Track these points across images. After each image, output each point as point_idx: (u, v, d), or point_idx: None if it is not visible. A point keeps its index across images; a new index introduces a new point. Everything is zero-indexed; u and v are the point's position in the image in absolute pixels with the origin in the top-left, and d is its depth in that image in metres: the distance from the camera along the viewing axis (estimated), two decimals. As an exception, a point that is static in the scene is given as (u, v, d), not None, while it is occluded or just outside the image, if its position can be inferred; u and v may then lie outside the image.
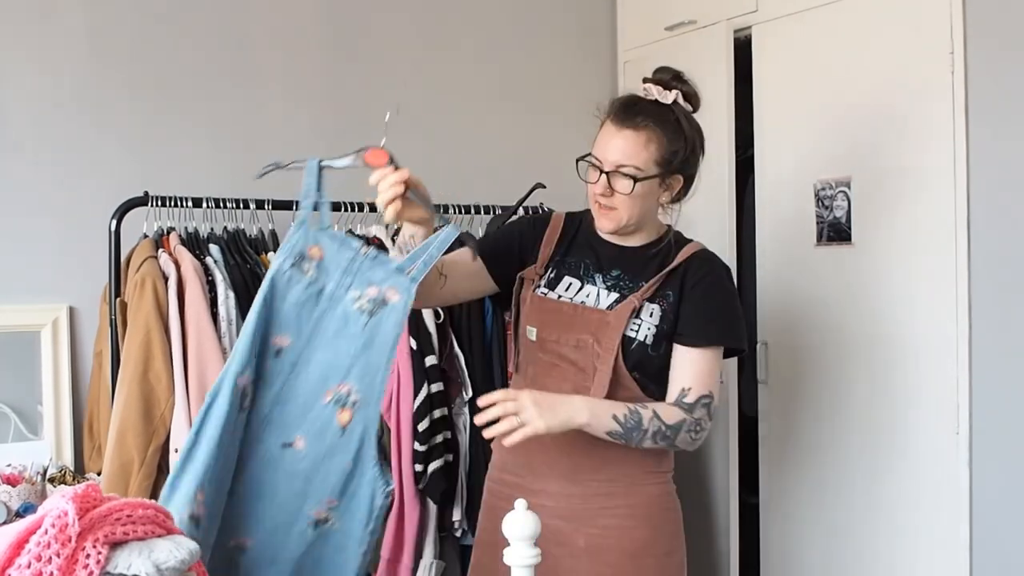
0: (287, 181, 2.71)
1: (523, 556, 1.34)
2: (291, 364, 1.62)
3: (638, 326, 1.85)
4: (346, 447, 1.62)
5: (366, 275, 1.63)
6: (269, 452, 1.62)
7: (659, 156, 1.84)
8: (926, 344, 2.36)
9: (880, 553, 2.48)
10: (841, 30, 2.55)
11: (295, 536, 1.63)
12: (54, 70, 2.52)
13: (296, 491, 1.62)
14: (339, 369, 1.62)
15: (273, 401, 1.62)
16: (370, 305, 1.63)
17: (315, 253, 1.64)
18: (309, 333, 1.63)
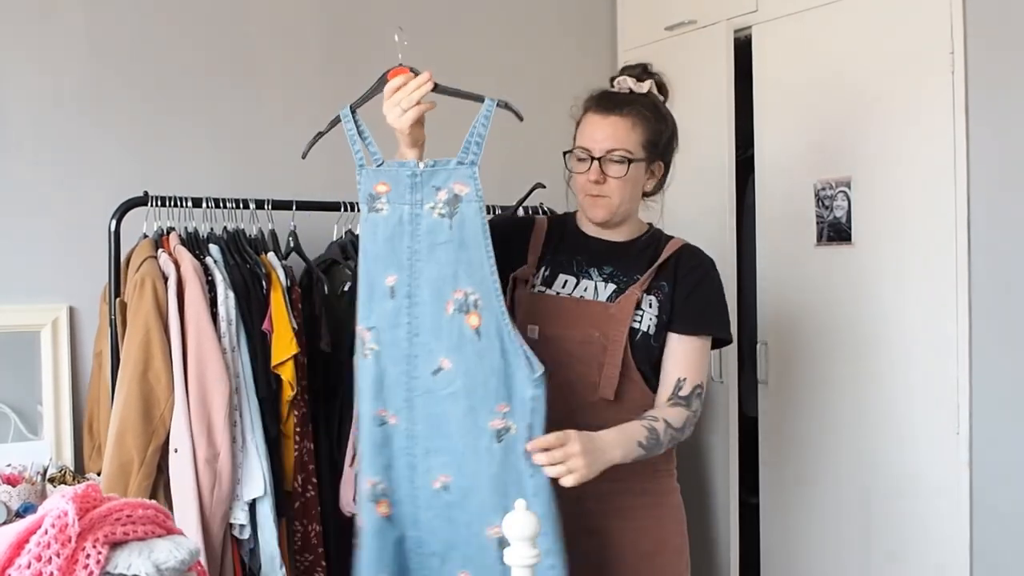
0: (287, 181, 2.72)
1: (523, 556, 1.34)
2: (406, 295, 1.69)
3: (641, 316, 1.87)
4: (489, 348, 1.66)
5: (430, 184, 1.68)
6: (425, 385, 1.69)
7: (645, 140, 1.87)
8: (926, 344, 2.36)
9: (880, 553, 2.48)
10: (841, 30, 2.55)
11: (485, 456, 1.66)
12: (54, 70, 2.52)
13: (465, 410, 1.67)
14: (448, 279, 1.67)
15: (409, 336, 1.69)
16: (446, 207, 1.68)
17: (382, 189, 1.71)
18: (408, 261, 1.69)
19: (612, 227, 1.95)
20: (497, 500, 1.65)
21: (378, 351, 1.71)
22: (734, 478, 2.82)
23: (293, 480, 2.28)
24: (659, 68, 3.19)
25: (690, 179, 2.95)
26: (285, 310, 2.24)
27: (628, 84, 1.91)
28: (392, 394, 1.71)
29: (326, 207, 2.50)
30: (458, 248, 1.67)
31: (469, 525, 1.67)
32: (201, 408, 2.10)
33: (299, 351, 2.23)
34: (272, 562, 2.18)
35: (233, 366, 2.18)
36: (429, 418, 1.70)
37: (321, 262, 2.50)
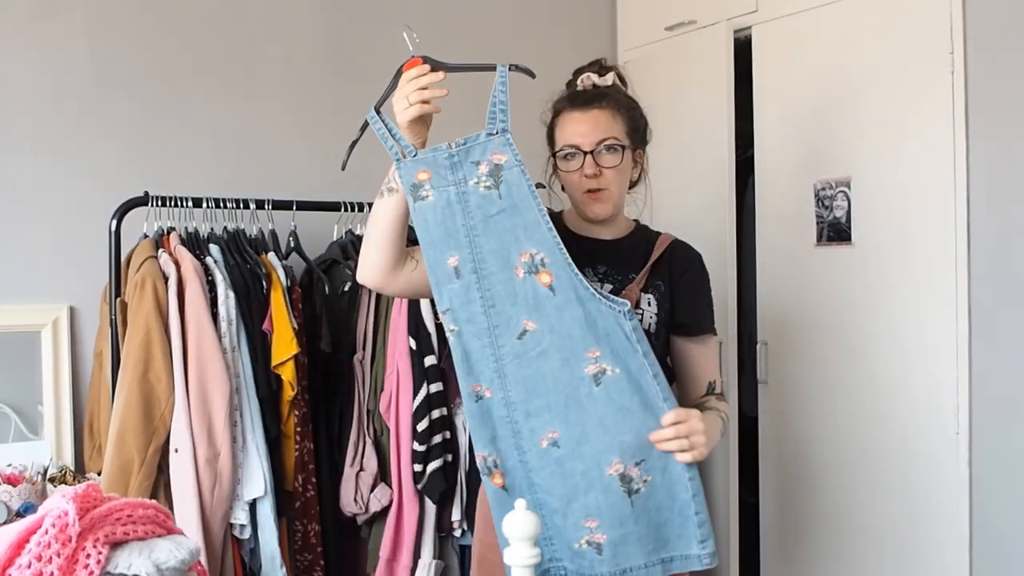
0: (287, 181, 2.72)
1: (523, 556, 1.34)
2: (472, 272, 1.72)
3: (641, 314, 1.87)
4: (566, 301, 1.69)
5: (469, 161, 1.72)
6: (515, 351, 1.72)
7: (627, 127, 1.88)
8: (926, 344, 2.36)
9: (880, 553, 2.48)
10: (841, 30, 2.55)
11: (588, 403, 1.70)
12: (54, 70, 2.52)
13: (559, 364, 1.70)
14: (511, 245, 1.71)
15: (485, 309, 1.72)
16: (489, 179, 1.71)
17: (423, 177, 1.73)
18: (466, 238, 1.72)
19: (603, 223, 1.93)
20: (610, 439, 1.70)
21: (458, 330, 1.75)
22: (734, 478, 2.82)
23: (293, 480, 2.28)
24: (659, 68, 3.20)
25: (690, 179, 2.96)
26: (285, 310, 2.25)
27: (592, 80, 1.91)
28: (481, 368, 1.74)
29: (326, 207, 2.50)
30: (512, 214, 1.71)
31: (586, 472, 1.70)
32: (201, 408, 2.11)
33: (299, 351, 2.24)
34: (272, 562, 2.18)
35: (233, 366, 2.19)
36: (523, 381, 1.73)
37: (321, 262, 2.50)
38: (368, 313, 2.41)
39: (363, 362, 2.41)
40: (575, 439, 1.71)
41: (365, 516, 2.35)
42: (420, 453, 2.30)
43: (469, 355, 1.75)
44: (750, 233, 2.92)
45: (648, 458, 1.72)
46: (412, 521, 2.32)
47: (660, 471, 1.73)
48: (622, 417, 1.70)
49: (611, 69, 1.94)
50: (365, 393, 2.39)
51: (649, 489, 1.73)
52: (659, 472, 1.73)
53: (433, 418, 2.31)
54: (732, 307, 2.84)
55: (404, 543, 2.32)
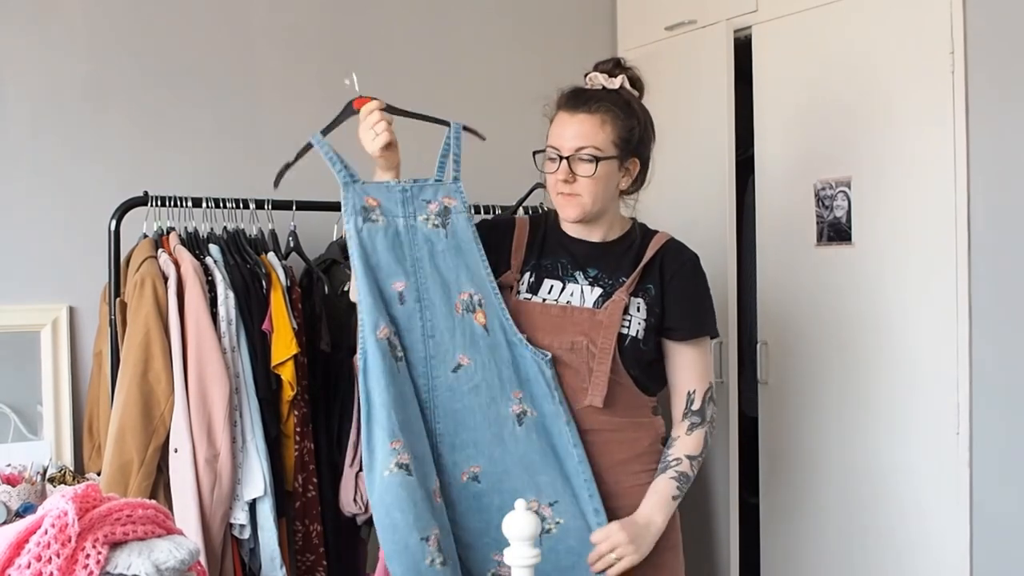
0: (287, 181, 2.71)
1: (523, 556, 1.34)
2: (415, 300, 1.81)
3: (628, 321, 1.85)
4: (497, 342, 1.80)
5: (420, 199, 1.84)
6: (447, 383, 1.80)
7: (616, 137, 1.85)
8: (926, 344, 2.36)
9: (880, 553, 2.48)
10: (841, 30, 2.55)
11: (511, 441, 1.79)
12: (54, 70, 2.52)
13: (486, 401, 1.79)
14: (453, 283, 1.81)
15: (424, 339, 1.80)
16: (438, 219, 1.83)
17: (372, 203, 1.83)
18: (412, 268, 1.81)
19: (590, 225, 1.92)
20: (528, 478, 1.76)
21: (402, 356, 1.80)
22: (734, 478, 2.82)
23: (293, 480, 2.28)
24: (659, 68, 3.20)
25: (690, 179, 2.96)
26: (285, 310, 2.24)
27: (600, 80, 1.88)
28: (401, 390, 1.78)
29: (326, 207, 2.49)
30: (456, 254, 1.82)
31: (501, 507, 1.71)
32: (201, 408, 2.10)
33: (299, 351, 2.23)
34: (272, 562, 2.18)
35: (233, 366, 2.18)
36: (453, 414, 1.79)
37: (321, 262, 2.50)
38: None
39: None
40: (497, 475, 1.79)
41: (365, 516, 2.34)
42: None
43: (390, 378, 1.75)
44: (750, 233, 2.92)
45: (561, 501, 1.77)
46: (412, 521, 2.31)
47: (572, 516, 1.77)
48: (540, 458, 1.78)
49: (624, 71, 1.91)
50: (365, 393, 2.39)
51: (560, 531, 1.77)
52: (571, 516, 1.77)
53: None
54: (732, 307, 2.84)
55: (404, 543, 2.32)
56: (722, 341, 2.85)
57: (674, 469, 1.85)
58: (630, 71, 1.92)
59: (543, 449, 1.78)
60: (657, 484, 1.85)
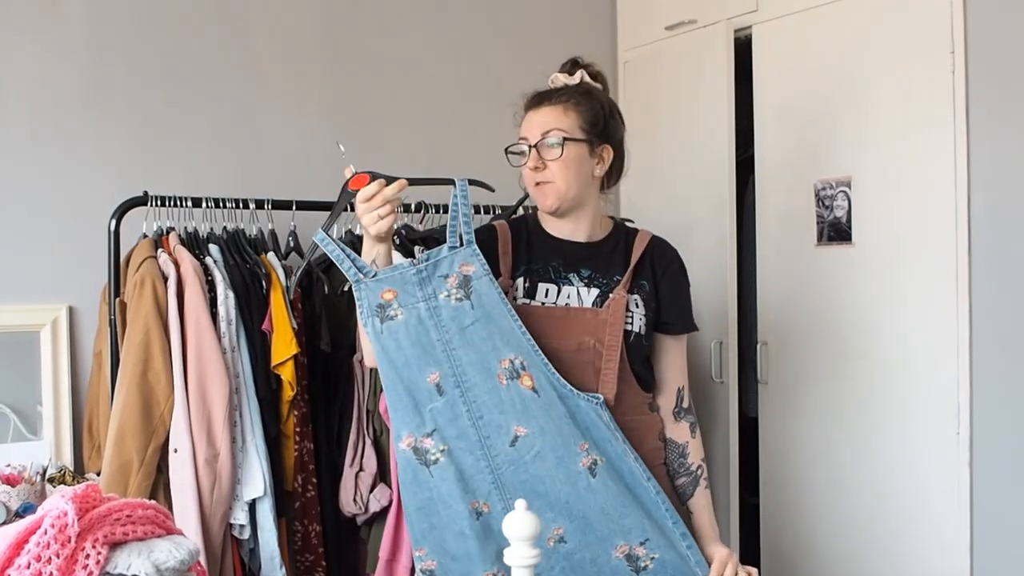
0: (286, 182, 2.72)
1: (523, 556, 1.33)
2: (455, 387, 1.73)
3: (631, 318, 1.87)
4: (549, 399, 1.73)
5: (437, 275, 1.74)
6: (509, 459, 1.73)
7: (581, 121, 1.86)
8: (926, 344, 2.36)
9: (880, 553, 2.48)
10: (841, 30, 2.55)
11: (587, 494, 1.73)
12: (54, 70, 2.52)
13: (554, 463, 1.73)
14: (489, 353, 1.73)
15: (473, 423, 1.73)
16: (460, 291, 1.74)
17: (388, 296, 1.73)
18: (444, 354, 1.73)
19: (575, 223, 1.90)
20: (614, 525, 1.75)
21: (448, 449, 1.73)
22: (734, 478, 2.82)
23: (293, 480, 2.28)
24: (659, 68, 3.20)
25: (690, 179, 2.96)
26: (285, 310, 2.24)
27: (560, 80, 1.91)
28: (477, 483, 1.73)
29: (326, 207, 2.47)
30: (487, 323, 1.73)
31: (595, 560, 1.74)
32: (201, 408, 2.10)
33: (299, 351, 2.23)
34: (272, 562, 2.18)
35: (233, 366, 2.18)
36: (522, 486, 1.73)
37: (321, 262, 2.50)
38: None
39: (363, 362, 2.40)
40: (580, 531, 1.73)
41: (364, 516, 2.34)
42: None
43: (463, 472, 1.73)
44: (750, 233, 2.92)
45: (651, 537, 1.76)
46: (412, 521, 2.31)
47: (665, 548, 1.76)
48: (620, 501, 1.74)
49: (583, 67, 1.93)
50: (365, 393, 2.39)
51: (657, 566, 1.76)
52: (664, 549, 1.76)
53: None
54: (732, 307, 2.84)
55: (404, 543, 2.32)
56: (722, 341, 2.85)
57: (703, 479, 1.95)
58: (589, 67, 1.94)
59: (621, 491, 1.75)
60: (700, 500, 1.93)
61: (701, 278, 2.90)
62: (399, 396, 1.74)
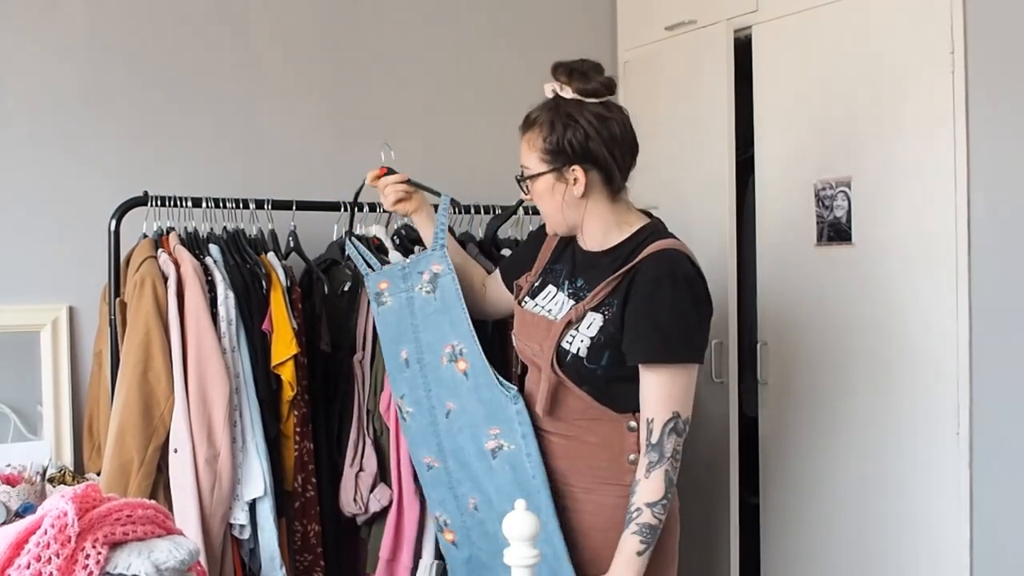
0: (286, 182, 2.72)
1: (523, 556, 1.34)
2: (417, 362, 2.07)
3: (573, 337, 1.82)
4: (476, 385, 1.98)
5: (416, 271, 2.09)
6: (446, 428, 2.04)
7: (544, 149, 1.85)
8: (926, 344, 2.36)
9: (881, 553, 2.48)
10: (841, 30, 2.55)
11: (489, 474, 1.98)
12: (54, 70, 2.52)
13: (471, 438, 2.00)
14: (440, 338, 2.03)
15: (426, 394, 2.06)
16: (429, 285, 2.06)
17: (383, 286, 2.14)
18: (412, 335, 2.08)
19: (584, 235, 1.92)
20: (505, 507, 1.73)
21: (412, 412, 2.11)
22: (734, 478, 2.82)
23: (293, 480, 2.28)
24: (659, 68, 3.20)
25: (690, 179, 2.96)
26: (285, 310, 2.24)
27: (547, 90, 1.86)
28: (428, 443, 2.09)
29: (326, 207, 2.50)
30: (443, 311, 2.03)
31: (496, 534, 1.90)
32: (201, 408, 2.10)
33: (299, 351, 2.23)
34: (272, 562, 2.18)
35: (233, 366, 2.18)
36: (454, 453, 2.04)
37: (321, 262, 2.50)
38: (368, 313, 2.40)
39: (363, 362, 2.40)
40: (487, 504, 2.00)
41: (365, 516, 2.34)
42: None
43: (420, 431, 2.10)
44: (750, 233, 2.92)
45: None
46: (412, 521, 2.31)
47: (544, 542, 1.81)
48: (508, 490, 1.93)
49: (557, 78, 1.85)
50: (365, 393, 2.39)
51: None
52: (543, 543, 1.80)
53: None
54: (732, 307, 2.84)
55: (404, 543, 2.32)
56: (722, 341, 2.85)
57: (635, 523, 1.76)
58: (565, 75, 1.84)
59: (511, 480, 1.93)
60: (622, 542, 1.77)
61: (701, 278, 2.90)
62: (390, 364, 2.14)
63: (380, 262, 2.21)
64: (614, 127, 1.84)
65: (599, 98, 1.85)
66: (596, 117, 1.83)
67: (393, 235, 2.51)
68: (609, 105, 1.86)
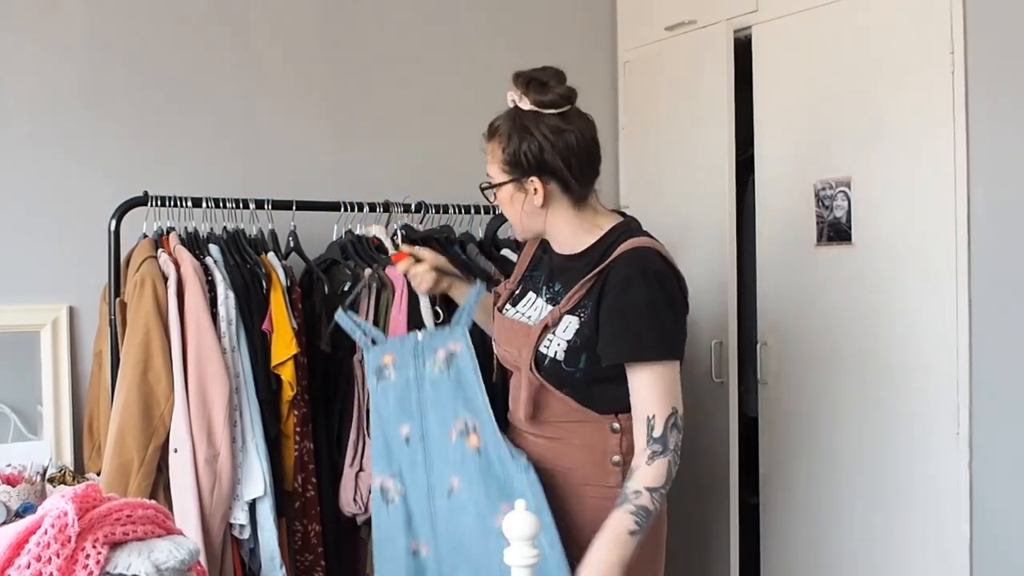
0: (286, 182, 2.72)
1: (523, 556, 1.34)
2: (419, 439, 1.99)
3: (550, 341, 1.82)
4: (489, 462, 1.88)
5: (431, 347, 2.00)
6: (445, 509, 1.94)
7: (502, 161, 1.86)
8: (926, 344, 2.36)
9: (880, 553, 2.48)
10: (841, 30, 2.55)
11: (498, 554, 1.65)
12: (54, 70, 2.52)
13: (474, 517, 1.88)
14: (449, 414, 1.95)
15: (426, 472, 1.97)
16: (445, 364, 1.97)
17: (387, 360, 2.04)
18: (417, 410, 1.99)
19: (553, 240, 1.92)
20: None
21: (404, 492, 2.00)
22: (734, 478, 2.82)
23: (293, 480, 2.28)
24: (659, 68, 3.20)
25: (690, 179, 2.97)
26: (285, 310, 2.24)
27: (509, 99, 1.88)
28: (421, 527, 1.98)
29: (326, 207, 2.50)
30: (456, 387, 1.95)
31: None
32: (201, 408, 2.10)
33: (299, 351, 2.23)
34: (272, 562, 2.18)
35: (233, 366, 2.18)
36: (450, 536, 1.93)
37: (321, 262, 2.50)
38: (368, 313, 2.40)
39: (363, 362, 2.40)
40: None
41: (365, 516, 2.34)
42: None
43: (411, 514, 1.99)
44: (750, 233, 2.92)
45: None
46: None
47: None
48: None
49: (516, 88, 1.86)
50: (364, 393, 2.39)
51: None
52: None
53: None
54: (732, 307, 2.84)
55: (404, 543, 2.32)
56: (722, 341, 2.86)
57: (632, 503, 1.71)
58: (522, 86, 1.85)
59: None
60: (612, 518, 1.71)
61: (701, 278, 2.90)
62: (378, 441, 2.03)
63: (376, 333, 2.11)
64: (570, 138, 1.82)
65: (556, 109, 1.83)
66: (551, 129, 1.82)
67: (393, 235, 2.51)
68: (567, 115, 1.84)
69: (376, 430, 2.04)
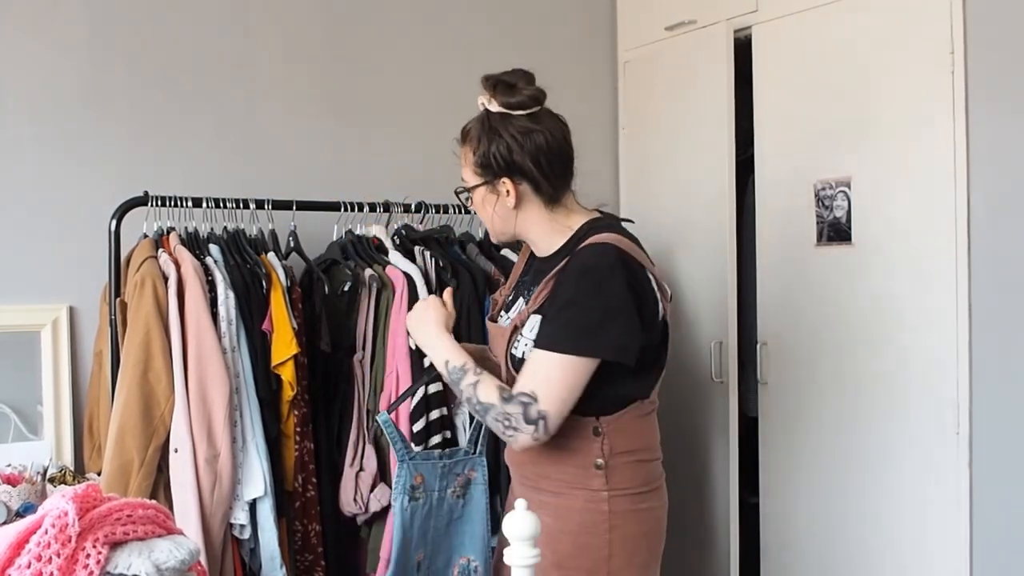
0: (286, 182, 2.72)
1: (523, 556, 1.34)
2: (426, 569, 2.04)
3: (519, 342, 1.83)
4: None
5: (453, 472, 2.05)
6: None
7: (474, 164, 1.87)
8: (926, 344, 2.36)
9: (880, 553, 2.48)
10: (841, 30, 2.55)
11: None
12: (54, 71, 2.52)
13: None
14: (456, 549, 2.04)
15: None
16: (461, 490, 2.05)
17: (418, 480, 2.04)
18: (431, 540, 2.04)
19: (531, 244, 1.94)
20: None
21: None
22: (734, 478, 2.82)
23: (293, 480, 2.28)
24: (659, 68, 3.20)
25: (690, 179, 2.97)
26: (285, 310, 2.24)
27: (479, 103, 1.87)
28: None
29: (326, 207, 2.50)
30: (466, 522, 2.04)
31: None
32: (201, 408, 2.10)
33: (299, 351, 2.23)
34: (272, 562, 2.18)
35: (233, 366, 2.18)
36: None
37: (321, 262, 2.50)
38: (368, 313, 2.41)
39: (363, 362, 2.41)
40: None
41: (365, 516, 2.34)
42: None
43: None
44: (750, 233, 2.92)
45: None
46: (412, 521, 2.32)
47: None
48: None
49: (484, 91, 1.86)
50: (365, 393, 2.39)
51: None
52: None
53: (431, 419, 2.31)
54: (732, 307, 2.84)
55: (404, 543, 2.32)
56: (722, 341, 2.86)
57: (468, 368, 1.79)
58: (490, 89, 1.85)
59: None
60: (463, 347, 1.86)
61: (701, 278, 2.91)
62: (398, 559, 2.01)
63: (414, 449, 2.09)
64: (539, 138, 1.82)
65: (525, 110, 1.83)
66: (520, 130, 1.82)
67: (393, 235, 2.51)
68: (537, 116, 1.84)
69: (399, 548, 2.00)
